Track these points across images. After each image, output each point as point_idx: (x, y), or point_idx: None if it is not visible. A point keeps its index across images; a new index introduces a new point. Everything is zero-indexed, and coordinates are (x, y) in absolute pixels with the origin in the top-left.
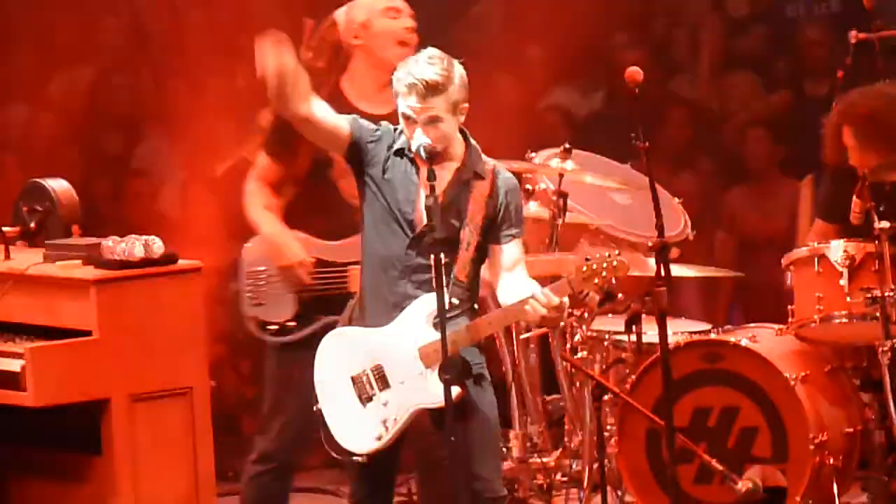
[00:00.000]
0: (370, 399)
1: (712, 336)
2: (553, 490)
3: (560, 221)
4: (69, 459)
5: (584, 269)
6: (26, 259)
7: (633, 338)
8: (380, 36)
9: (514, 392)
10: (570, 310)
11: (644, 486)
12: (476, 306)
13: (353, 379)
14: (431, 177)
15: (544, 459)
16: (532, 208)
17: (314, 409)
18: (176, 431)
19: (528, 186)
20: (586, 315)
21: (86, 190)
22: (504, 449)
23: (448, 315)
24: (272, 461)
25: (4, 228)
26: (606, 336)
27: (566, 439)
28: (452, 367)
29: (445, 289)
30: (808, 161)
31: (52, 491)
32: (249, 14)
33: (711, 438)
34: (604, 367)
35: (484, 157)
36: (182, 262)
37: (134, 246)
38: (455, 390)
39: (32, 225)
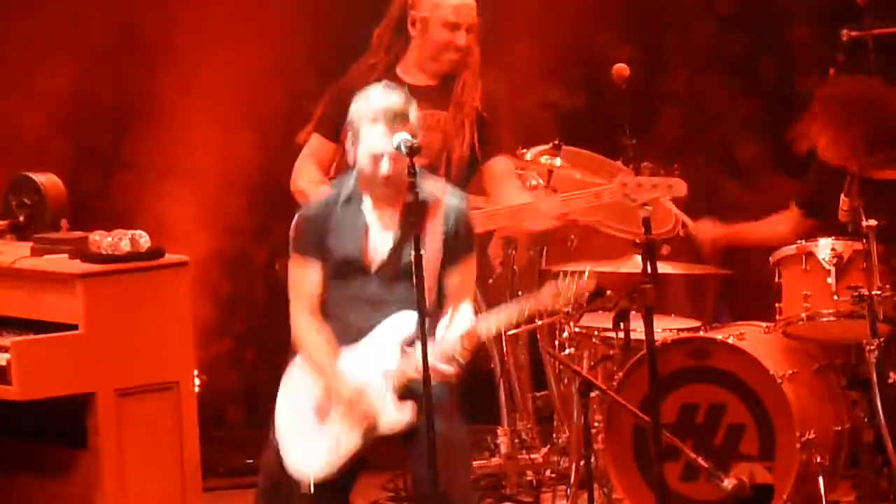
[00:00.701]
0: (328, 415)
1: (700, 333)
2: (542, 486)
3: None
4: (54, 453)
5: (552, 289)
6: (13, 252)
7: (622, 335)
8: (431, 43)
9: (502, 388)
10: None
11: (631, 483)
12: None
13: (314, 401)
14: (413, 173)
15: (532, 456)
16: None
17: (271, 437)
18: (162, 426)
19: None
20: (573, 312)
21: (73, 184)
22: (492, 445)
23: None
24: None
25: None
26: (595, 333)
27: (555, 436)
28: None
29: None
30: (798, 159)
31: (37, 484)
32: (239, 7)
33: (698, 436)
34: (592, 363)
35: (432, 178)
36: (169, 257)
37: (121, 240)
38: (410, 411)
39: (21, 218)
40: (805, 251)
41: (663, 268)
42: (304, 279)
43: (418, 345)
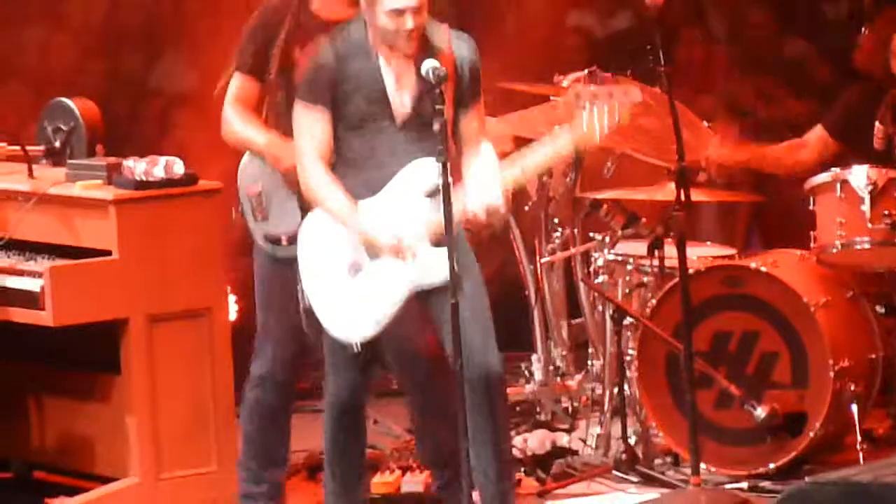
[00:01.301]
0: (362, 271)
1: (733, 261)
2: (577, 413)
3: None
4: (88, 379)
5: (585, 115)
6: (48, 178)
7: (656, 262)
8: None
9: (536, 315)
10: (592, 234)
11: (664, 411)
12: None
13: (344, 257)
14: (441, 100)
15: (567, 383)
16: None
17: (301, 308)
18: (194, 352)
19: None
20: (608, 239)
21: (105, 110)
22: (527, 372)
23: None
24: (269, 381)
25: (28, 147)
26: (630, 260)
27: (589, 363)
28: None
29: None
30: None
31: (70, 409)
32: None
33: (731, 363)
34: (626, 291)
35: (436, 24)
36: (202, 183)
37: (154, 166)
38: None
39: (57, 144)
40: (839, 178)
41: (696, 195)
42: (314, 127)
43: (464, 191)
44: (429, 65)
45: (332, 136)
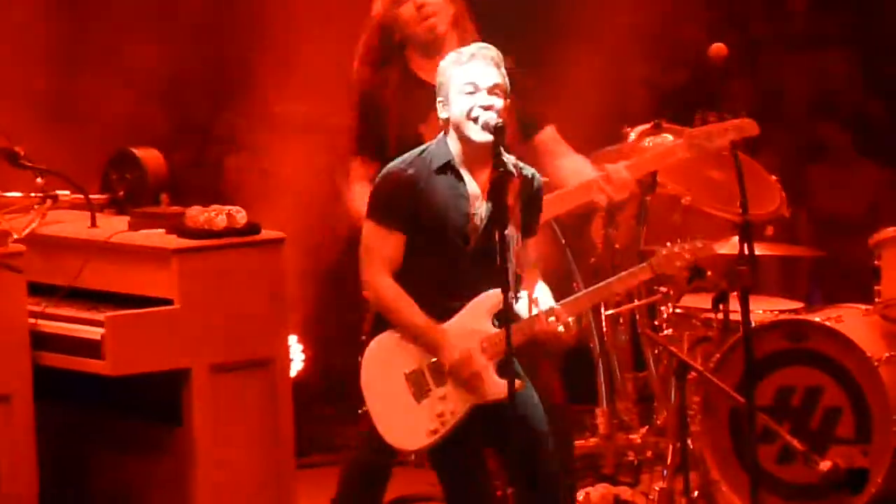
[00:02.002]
0: (426, 395)
1: (797, 315)
2: (642, 467)
3: (648, 198)
4: (149, 430)
5: (665, 252)
6: (111, 226)
7: (721, 316)
8: (406, 28)
9: (600, 368)
10: (657, 287)
11: (727, 465)
12: None
13: (406, 376)
14: (498, 152)
15: (631, 436)
16: None
17: (359, 411)
18: (256, 403)
19: None
20: (672, 293)
21: (168, 159)
22: (591, 425)
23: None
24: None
25: (92, 196)
26: (695, 314)
27: (655, 417)
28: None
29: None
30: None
31: (131, 461)
32: None
33: (795, 418)
34: (690, 345)
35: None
36: (265, 233)
37: (217, 215)
38: (517, 382)
39: (121, 193)
40: None
41: (760, 249)
42: (386, 244)
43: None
44: (487, 116)
45: (401, 259)
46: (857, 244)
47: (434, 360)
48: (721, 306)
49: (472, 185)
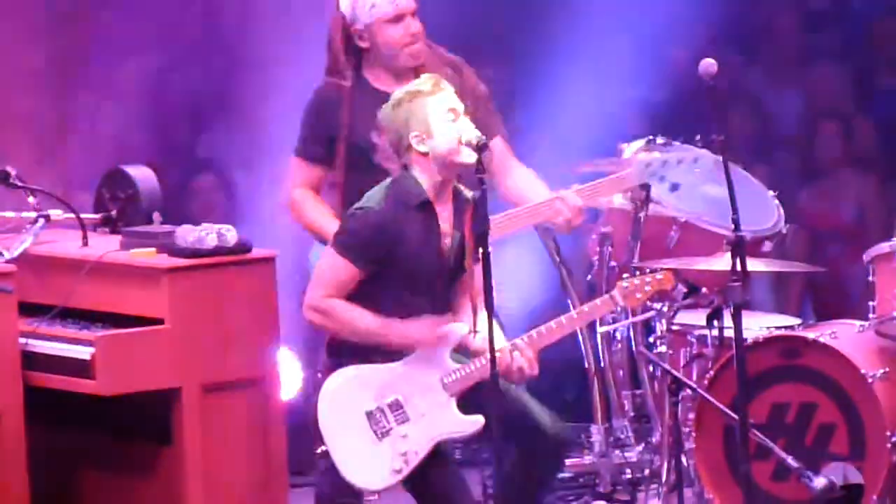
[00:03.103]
0: (387, 434)
1: (791, 332)
2: (640, 485)
3: (642, 215)
4: (139, 449)
5: (626, 285)
6: (103, 246)
7: (716, 332)
8: (385, 46)
9: (595, 386)
10: (651, 303)
11: (722, 483)
12: None
13: (367, 415)
14: (481, 169)
15: (626, 454)
16: (617, 200)
17: (317, 451)
18: (247, 422)
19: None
20: (665, 308)
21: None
22: (586, 443)
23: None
24: None
25: (83, 215)
26: (691, 331)
27: (652, 435)
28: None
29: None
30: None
31: (121, 481)
32: (320, 2)
33: (789, 435)
34: (685, 362)
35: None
36: (256, 251)
37: (208, 234)
38: (478, 419)
39: (114, 212)
40: None
41: (753, 265)
42: (344, 277)
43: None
44: (473, 133)
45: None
46: (851, 259)
47: (394, 398)
48: (715, 322)
49: (444, 221)
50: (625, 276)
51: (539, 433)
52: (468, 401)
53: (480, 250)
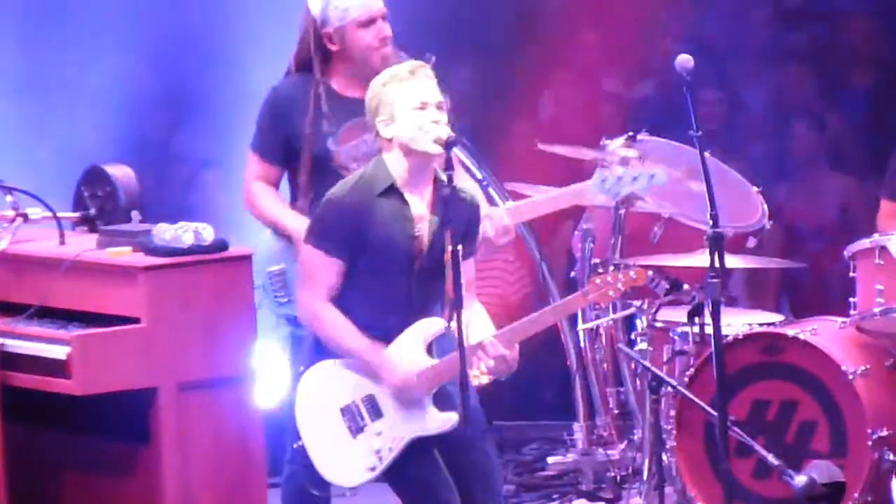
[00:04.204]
0: (361, 430)
1: (771, 329)
2: (625, 483)
3: (622, 211)
4: (117, 449)
5: (599, 281)
6: (80, 244)
7: (697, 329)
8: (356, 49)
9: (577, 384)
10: (631, 301)
11: (702, 480)
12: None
13: (342, 410)
14: (451, 166)
15: (609, 452)
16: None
17: (294, 445)
18: (225, 421)
19: None
20: (645, 305)
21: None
22: (568, 441)
23: (442, 335)
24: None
25: (63, 214)
26: (673, 328)
27: (635, 432)
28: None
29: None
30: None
31: (99, 480)
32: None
33: (770, 432)
34: (666, 358)
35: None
36: (232, 250)
37: (184, 233)
38: (452, 416)
39: (92, 210)
40: (878, 245)
41: (742, 262)
42: (326, 270)
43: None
44: (442, 131)
45: (340, 285)
46: (827, 254)
47: (369, 393)
48: (696, 319)
49: (417, 206)
50: (599, 271)
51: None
52: (443, 398)
53: (449, 248)
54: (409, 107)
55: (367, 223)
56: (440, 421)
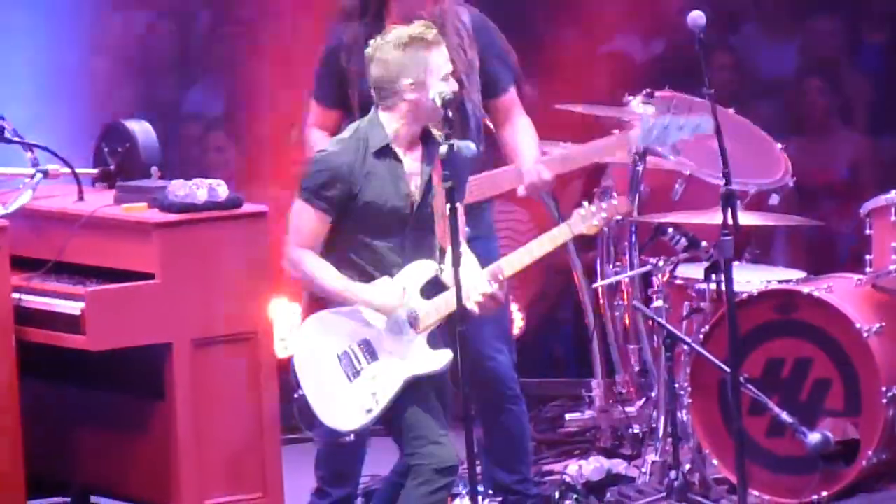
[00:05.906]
0: (357, 374)
1: (787, 286)
2: (645, 440)
3: (640, 168)
4: (131, 404)
5: (583, 212)
6: (98, 200)
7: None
8: None
9: (595, 341)
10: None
11: (717, 438)
12: None
13: (339, 357)
14: (449, 125)
15: (627, 409)
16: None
17: (294, 395)
18: (239, 377)
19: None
20: (662, 263)
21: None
22: (587, 398)
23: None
24: None
25: (83, 170)
26: (692, 285)
27: (653, 390)
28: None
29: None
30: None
31: (113, 435)
32: None
33: (784, 390)
34: (683, 316)
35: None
36: (247, 206)
37: (199, 189)
38: (447, 354)
39: (112, 166)
40: (894, 202)
41: (765, 219)
42: (313, 225)
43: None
44: (444, 89)
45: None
46: (838, 213)
47: (364, 338)
48: (713, 277)
49: (410, 164)
50: (583, 203)
51: None
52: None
53: (448, 206)
54: (437, 77)
55: (360, 184)
56: (434, 359)
